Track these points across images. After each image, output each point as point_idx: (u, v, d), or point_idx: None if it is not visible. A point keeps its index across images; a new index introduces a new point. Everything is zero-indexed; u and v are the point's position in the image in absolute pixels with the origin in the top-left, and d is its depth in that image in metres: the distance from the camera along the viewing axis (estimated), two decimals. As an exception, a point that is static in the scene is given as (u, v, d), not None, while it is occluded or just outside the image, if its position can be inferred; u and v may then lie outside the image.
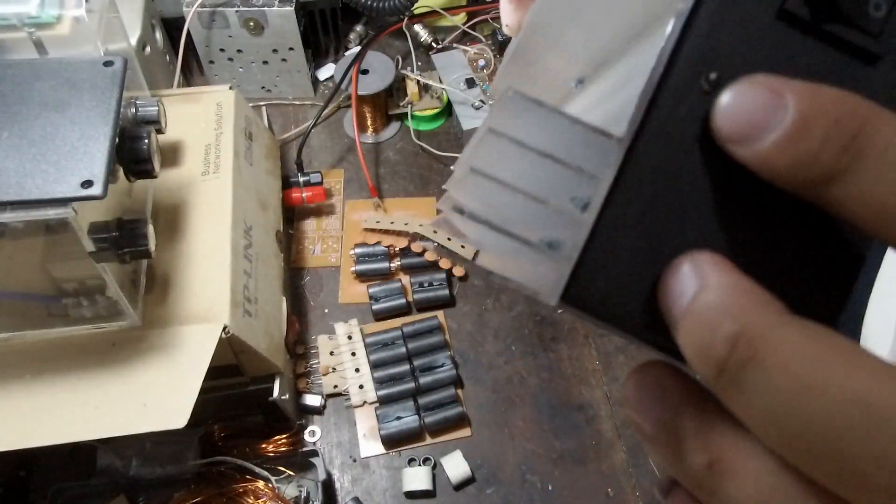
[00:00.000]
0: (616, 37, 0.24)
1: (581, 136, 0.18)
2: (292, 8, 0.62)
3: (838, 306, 0.17)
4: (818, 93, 0.15)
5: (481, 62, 0.69)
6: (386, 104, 0.68)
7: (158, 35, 0.64)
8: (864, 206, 0.14)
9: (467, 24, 0.73)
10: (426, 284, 0.57)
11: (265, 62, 0.67)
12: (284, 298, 0.52)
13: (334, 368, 0.54)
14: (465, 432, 0.52)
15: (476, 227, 0.18)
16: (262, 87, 0.70)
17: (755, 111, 0.15)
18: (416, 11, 0.70)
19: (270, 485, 0.46)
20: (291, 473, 0.47)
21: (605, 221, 0.16)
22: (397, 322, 0.56)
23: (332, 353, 0.54)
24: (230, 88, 0.54)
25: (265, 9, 0.62)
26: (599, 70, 0.24)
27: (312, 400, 0.52)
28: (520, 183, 0.18)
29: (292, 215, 0.62)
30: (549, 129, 0.18)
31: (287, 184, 0.60)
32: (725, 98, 0.15)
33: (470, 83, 0.68)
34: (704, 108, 0.16)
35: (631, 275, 0.16)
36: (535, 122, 0.18)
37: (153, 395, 0.39)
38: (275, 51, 0.66)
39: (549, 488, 0.50)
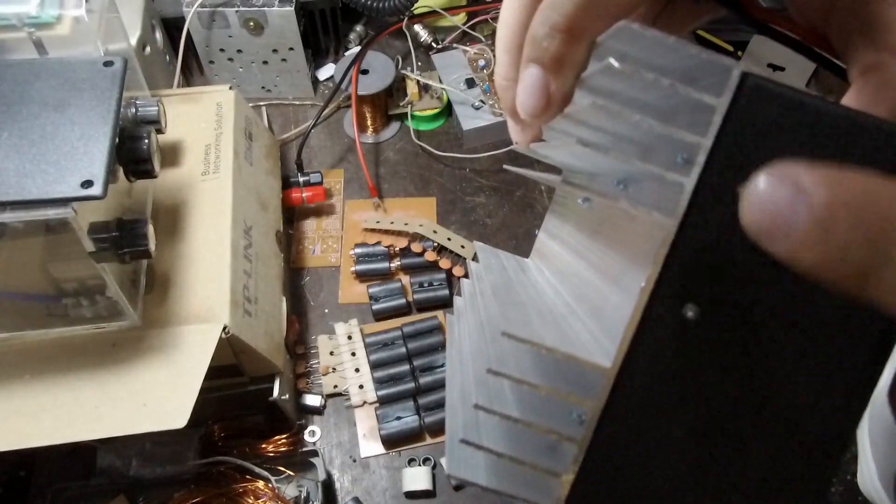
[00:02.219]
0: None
1: (573, 367, 0.19)
2: (292, 8, 0.62)
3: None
4: (839, 182, 0.14)
5: (481, 62, 0.69)
6: (386, 104, 0.68)
7: (158, 35, 0.64)
8: None
9: (467, 24, 0.73)
10: (426, 284, 0.57)
11: (265, 62, 0.67)
12: (284, 298, 0.52)
13: (334, 368, 0.54)
14: (465, 432, 0.52)
15: (488, 462, 0.21)
16: (262, 87, 0.70)
17: (778, 204, 0.14)
18: (416, 11, 0.70)
19: (270, 485, 0.46)
20: (291, 473, 0.47)
21: (596, 445, 0.19)
22: (397, 322, 0.56)
23: (332, 353, 0.54)
24: (230, 88, 0.54)
25: (265, 9, 0.62)
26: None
27: (312, 400, 0.52)
28: (521, 412, 0.20)
29: (292, 215, 0.62)
30: (541, 364, 0.21)
31: (287, 184, 0.60)
32: (749, 194, 0.15)
33: (470, 83, 0.68)
34: (685, 339, 0.18)
35: (627, 488, 0.19)
36: (529, 359, 0.21)
37: (153, 395, 0.39)
38: (275, 51, 0.66)
39: (549, 488, 0.50)
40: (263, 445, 0.49)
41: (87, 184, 0.33)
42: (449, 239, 0.60)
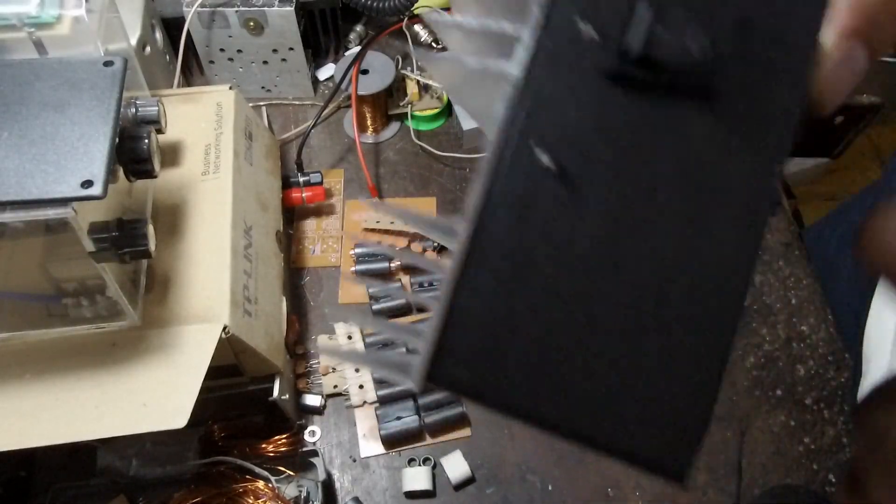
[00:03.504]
0: None
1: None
2: (292, 8, 0.62)
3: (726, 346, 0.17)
4: None
5: (481, 62, 0.69)
6: (386, 104, 0.68)
7: (158, 35, 0.64)
8: None
9: (467, 24, 0.73)
10: (426, 284, 0.57)
11: (265, 62, 0.67)
12: (284, 298, 0.52)
13: (334, 368, 0.54)
14: (465, 432, 0.52)
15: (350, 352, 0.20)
16: (262, 87, 0.70)
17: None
18: (416, 11, 0.70)
19: (270, 485, 0.46)
20: (291, 473, 0.47)
21: (455, 304, 0.17)
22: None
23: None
24: (230, 88, 0.54)
25: (265, 9, 0.62)
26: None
27: (312, 400, 0.52)
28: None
29: (292, 215, 0.62)
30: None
31: (287, 184, 0.60)
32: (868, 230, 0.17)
33: (470, 83, 0.68)
34: (543, 187, 0.17)
35: (494, 349, 0.17)
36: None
37: (153, 395, 0.39)
38: (275, 51, 0.66)
39: (549, 488, 0.50)
40: (263, 445, 0.49)
41: (87, 184, 0.33)
42: (449, 239, 0.59)
